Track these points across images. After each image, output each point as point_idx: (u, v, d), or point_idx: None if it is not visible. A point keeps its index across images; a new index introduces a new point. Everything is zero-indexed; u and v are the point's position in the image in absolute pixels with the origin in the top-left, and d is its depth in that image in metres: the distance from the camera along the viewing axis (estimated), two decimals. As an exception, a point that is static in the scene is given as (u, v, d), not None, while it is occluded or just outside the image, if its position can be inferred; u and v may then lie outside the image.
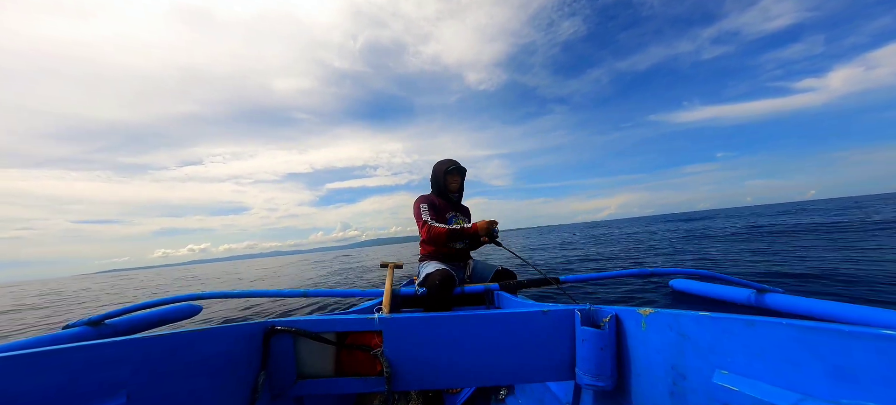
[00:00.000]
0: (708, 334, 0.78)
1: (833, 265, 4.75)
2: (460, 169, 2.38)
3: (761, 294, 2.40)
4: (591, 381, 1.04)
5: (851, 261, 4.89)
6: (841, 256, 5.39)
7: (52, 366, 0.60)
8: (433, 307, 1.83)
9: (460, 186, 2.46)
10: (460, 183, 2.45)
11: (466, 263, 2.40)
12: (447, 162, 2.39)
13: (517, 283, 2.13)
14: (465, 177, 2.45)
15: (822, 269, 4.53)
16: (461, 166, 2.39)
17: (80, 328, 1.75)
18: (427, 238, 2.18)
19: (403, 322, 1.13)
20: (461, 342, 1.11)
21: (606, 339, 1.03)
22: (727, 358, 0.73)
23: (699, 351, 0.80)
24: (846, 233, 8.65)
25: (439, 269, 1.97)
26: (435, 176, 2.39)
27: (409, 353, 1.12)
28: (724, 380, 0.72)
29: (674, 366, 0.86)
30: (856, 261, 4.89)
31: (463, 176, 2.44)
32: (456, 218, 2.39)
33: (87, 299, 10.41)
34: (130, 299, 10.00)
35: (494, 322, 1.12)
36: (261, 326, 1.09)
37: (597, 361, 1.03)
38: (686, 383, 0.82)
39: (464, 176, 2.44)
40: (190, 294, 1.85)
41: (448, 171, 2.35)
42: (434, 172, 2.40)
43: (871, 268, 4.30)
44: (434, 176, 2.40)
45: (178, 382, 0.80)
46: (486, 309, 2.20)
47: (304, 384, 1.12)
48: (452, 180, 2.39)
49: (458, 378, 1.12)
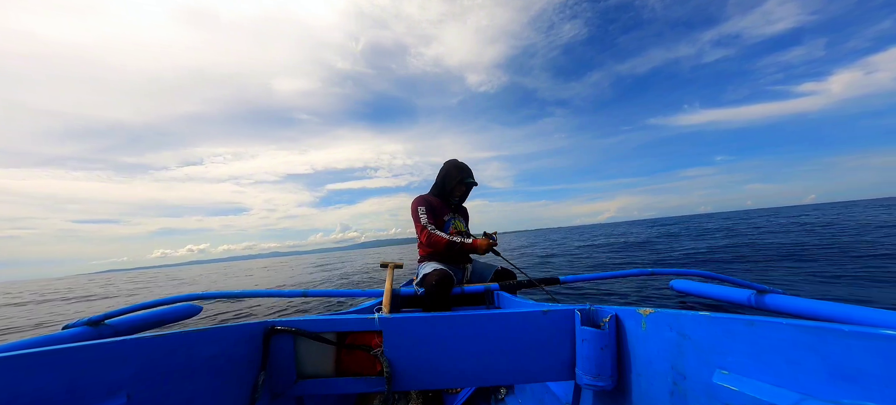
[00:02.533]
0: (708, 334, 0.78)
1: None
2: (474, 183, 2.32)
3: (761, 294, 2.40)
4: (591, 381, 1.04)
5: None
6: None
7: (52, 366, 0.60)
8: (432, 307, 1.82)
9: (465, 195, 2.42)
10: (467, 193, 2.41)
11: (466, 264, 2.40)
12: (465, 171, 2.28)
13: (517, 283, 2.13)
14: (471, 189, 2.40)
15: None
16: (476, 181, 2.32)
17: (80, 328, 1.75)
18: (426, 243, 2.16)
19: (403, 322, 1.13)
20: (461, 342, 1.11)
21: (606, 339, 1.03)
22: (727, 358, 0.73)
23: (699, 351, 0.80)
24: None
25: (437, 270, 1.97)
26: (445, 176, 2.29)
27: (409, 353, 1.12)
28: (724, 380, 0.72)
29: (674, 366, 0.86)
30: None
31: (471, 188, 2.38)
32: (454, 220, 2.35)
33: (80, 297, 10.39)
34: (125, 300, 10.00)
35: (494, 322, 1.11)
36: (261, 326, 1.09)
37: (597, 361, 1.03)
38: (686, 383, 0.82)
39: (471, 188, 2.39)
40: (190, 294, 1.85)
41: (465, 182, 2.27)
42: (446, 173, 2.30)
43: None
44: (444, 176, 2.30)
45: (178, 382, 0.80)
46: (485, 309, 2.20)
47: (305, 384, 1.12)
48: (463, 189, 2.33)
49: (457, 378, 1.12)
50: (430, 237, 2.11)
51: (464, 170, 2.28)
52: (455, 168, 2.28)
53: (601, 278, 2.18)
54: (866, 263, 5.06)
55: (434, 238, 2.10)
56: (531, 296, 2.05)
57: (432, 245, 2.13)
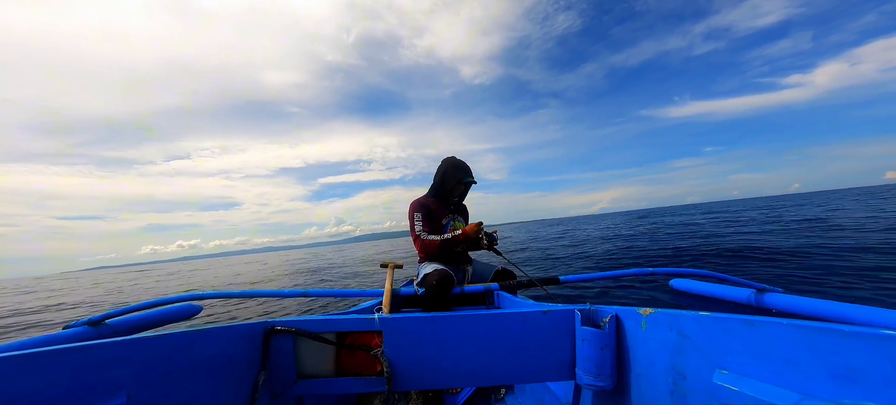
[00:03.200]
0: (708, 334, 0.78)
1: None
2: (474, 182, 2.29)
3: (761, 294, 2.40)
4: (591, 381, 1.04)
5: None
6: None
7: (52, 366, 0.60)
8: (432, 307, 1.82)
9: (464, 194, 2.40)
10: (466, 192, 2.39)
11: (466, 265, 2.40)
12: (464, 170, 2.24)
13: (517, 283, 2.13)
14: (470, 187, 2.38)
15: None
16: (475, 180, 2.29)
17: (80, 328, 1.75)
18: (421, 250, 2.17)
19: (403, 322, 1.13)
20: (461, 342, 1.11)
21: (606, 339, 1.03)
22: (727, 358, 0.73)
23: (699, 351, 0.80)
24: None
25: (438, 270, 1.97)
26: (444, 177, 2.25)
27: (410, 353, 1.12)
28: (724, 380, 0.72)
29: (674, 366, 0.86)
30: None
31: (470, 187, 2.36)
32: (453, 221, 2.34)
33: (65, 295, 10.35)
34: (116, 297, 9.99)
35: (494, 322, 1.11)
36: (261, 326, 1.09)
37: (597, 361, 1.03)
38: (686, 383, 0.82)
39: (470, 187, 2.37)
40: (190, 294, 1.85)
41: (464, 182, 2.24)
42: (444, 173, 2.25)
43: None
44: (442, 176, 2.25)
45: (178, 382, 0.80)
46: (486, 309, 2.20)
47: (304, 384, 1.12)
48: (462, 189, 2.31)
49: (458, 378, 1.12)
50: (423, 245, 2.11)
51: (462, 168, 2.24)
52: (453, 167, 2.24)
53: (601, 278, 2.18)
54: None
55: (426, 244, 2.10)
56: (531, 296, 2.05)
57: (426, 251, 2.13)
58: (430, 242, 2.10)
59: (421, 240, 2.12)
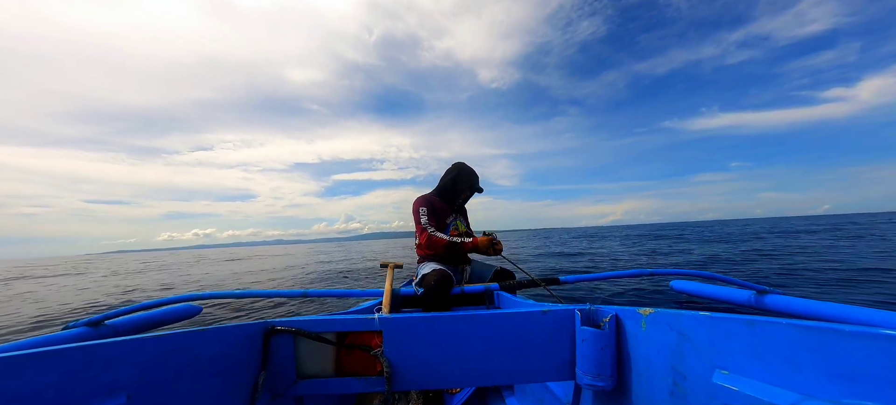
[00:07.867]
0: (708, 334, 0.78)
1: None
2: (481, 190, 2.40)
3: (761, 294, 2.40)
4: (591, 381, 1.04)
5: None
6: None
7: (52, 366, 0.60)
8: (431, 307, 1.83)
9: (467, 199, 2.48)
10: (469, 198, 2.47)
11: (465, 264, 2.41)
12: (476, 177, 2.36)
13: (517, 283, 2.13)
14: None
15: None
16: (482, 188, 2.41)
17: (80, 328, 1.75)
18: (426, 244, 2.17)
19: (403, 322, 1.13)
20: (461, 342, 1.11)
21: (606, 339, 1.03)
22: (727, 358, 0.73)
23: (699, 351, 0.80)
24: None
25: (437, 270, 1.97)
26: (456, 179, 2.32)
27: (409, 353, 1.12)
28: (724, 381, 0.72)
29: (674, 367, 0.86)
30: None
31: (474, 194, 2.46)
32: (456, 222, 2.37)
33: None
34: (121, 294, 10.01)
35: (494, 322, 1.11)
36: (261, 326, 1.09)
37: (597, 361, 1.03)
38: (686, 383, 0.82)
39: (474, 194, 2.47)
40: (190, 294, 1.85)
41: (473, 187, 2.34)
42: (457, 175, 2.33)
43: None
44: (455, 178, 2.32)
45: (178, 382, 0.80)
46: (485, 309, 2.20)
47: (304, 384, 1.12)
48: (469, 194, 2.40)
49: (457, 378, 1.12)
50: (430, 239, 2.12)
51: (475, 175, 2.36)
52: (467, 173, 2.34)
53: (601, 278, 2.18)
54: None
55: (434, 240, 2.11)
56: (531, 296, 2.05)
57: (432, 247, 2.13)
58: (437, 239, 2.12)
59: (428, 233, 2.14)
